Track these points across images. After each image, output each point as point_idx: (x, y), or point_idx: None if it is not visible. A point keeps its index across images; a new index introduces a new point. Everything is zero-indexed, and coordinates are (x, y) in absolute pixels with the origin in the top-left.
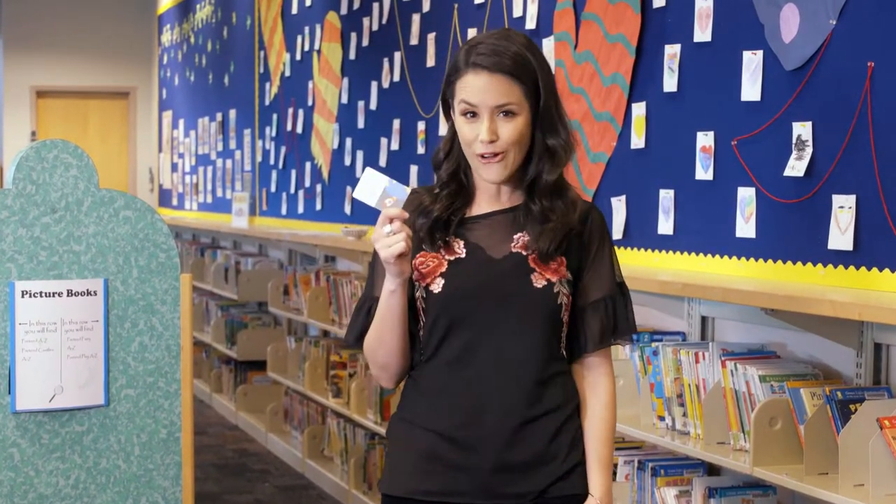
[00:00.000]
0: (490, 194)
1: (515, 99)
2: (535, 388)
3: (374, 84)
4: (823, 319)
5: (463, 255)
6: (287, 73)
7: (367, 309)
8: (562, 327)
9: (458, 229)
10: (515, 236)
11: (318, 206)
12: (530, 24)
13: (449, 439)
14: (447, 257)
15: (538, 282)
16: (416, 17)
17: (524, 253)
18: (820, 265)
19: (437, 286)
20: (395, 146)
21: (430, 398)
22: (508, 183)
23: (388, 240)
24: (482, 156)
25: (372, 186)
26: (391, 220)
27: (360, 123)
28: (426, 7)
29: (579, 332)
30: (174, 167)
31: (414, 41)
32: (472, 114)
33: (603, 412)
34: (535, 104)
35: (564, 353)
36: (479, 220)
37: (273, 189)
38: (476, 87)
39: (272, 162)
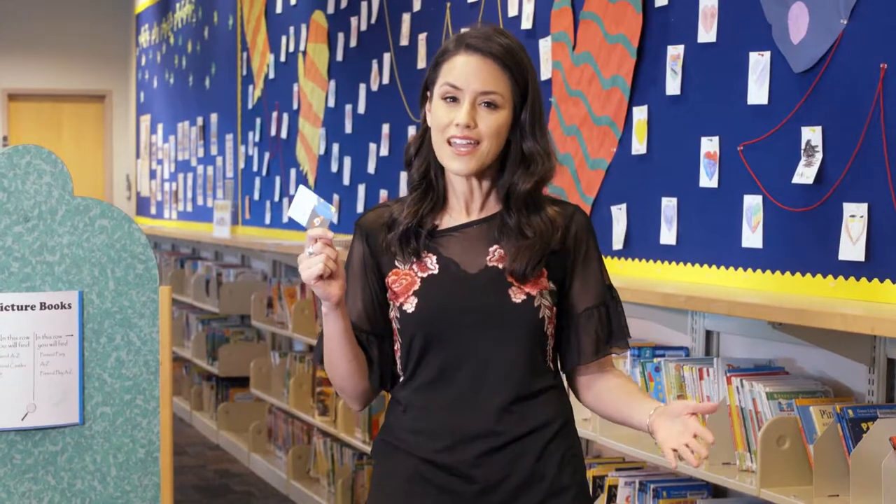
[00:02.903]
0: (462, 202)
1: (501, 91)
2: (518, 407)
3: (362, 87)
4: (834, 334)
5: (436, 272)
6: (271, 76)
7: None
8: (547, 341)
9: (429, 243)
10: (491, 249)
11: None
12: (526, 23)
13: (433, 463)
14: (420, 274)
15: (517, 296)
16: (406, 17)
17: (500, 266)
18: (830, 277)
19: (411, 305)
20: (384, 152)
21: (411, 421)
22: (482, 188)
23: (309, 261)
24: (453, 142)
25: (303, 205)
26: (315, 241)
27: (348, 128)
28: (416, 6)
29: (572, 343)
30: (153, 174)
31: (404, 42)
32: (452, 98)
33: (616, 378)
34: (518, 105)
35: (552, 365)
36: (451, 233)
37: (256, 197)
38: (464, 69)
39: (255, 168)
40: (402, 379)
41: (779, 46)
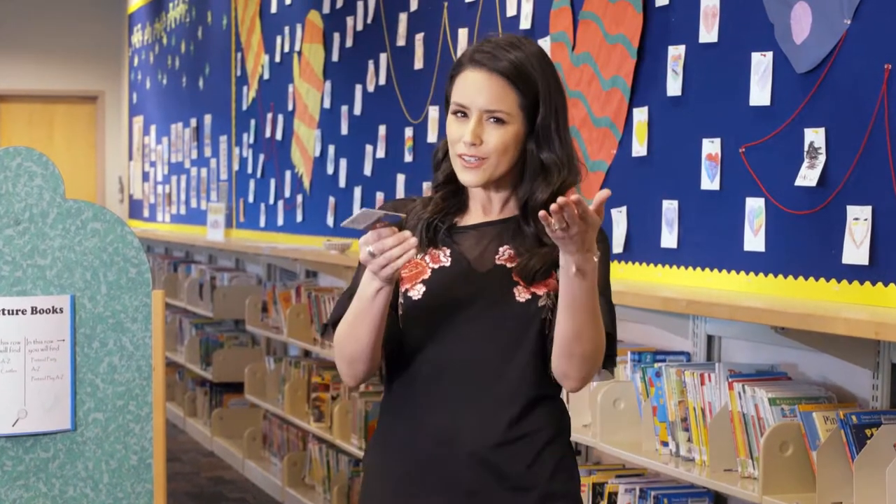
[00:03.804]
0: (482, 204)
1: (507, 108)
2: (514, 409)
3: (358, 87)
4: (837, 338)
5: (447, 264)
6: (266, 76)
7: (349, 295)
8: (549, 346)
9: (445, 238)
10: (501, 249)
11: (299, 218)
12: (525, 23)
13: (425, 462)
14: (431, 264)
15: (521, 295)
16: (402, 17)
17: (508, 266)
18: (834, 281)
19: (417, 293)
20: (380, 154)
21: (405, 417)
22: (500, 193)
23: (386, 256)
24: (463, 157)
25: (363, 217)
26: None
27: (344, 129)
28: (414, 6)
29: (551, 335)
30: (145, 176)
31: (401, 42)
32: (462, 113)
33: None
34: (531, 116)
35: (553, 375)
36: (467, 231)
37: (251, 199)
38: (470, 86)
39: (250, 170)
40: (397, 371)
41: (781, 47)
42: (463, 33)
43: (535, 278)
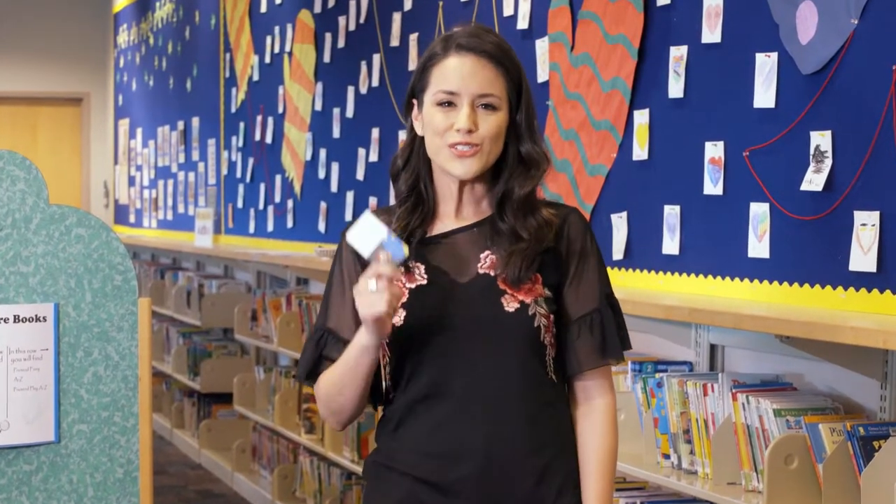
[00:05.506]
0: (452, 208)
1: (498, 92)
2: (518, 424)
3: (350, 89)
4: (844, 348)
5: (425, 282)
6: (255, 78)
7: (316, 340)
8: (545, 350)
9: (418, 251)
10: (482, 255)
11: (290, 224)
12: (522, 23)
13: (428, 483)
14: (408, 284)
15: (510, 305)
16: (396, 16)
17: (492, 274)
18: (840, 288)
19: (399, 318)
20: (373, 157)
21: (404, 439)
22: (474, 196)
23: (371, 297)
24: (455, 147)
25: (368, 234)
26: (379, 277)
27: (336, 132)
28: (408, 5)
29: (568, 352)
30: (131, 181)
31: (394, 42)
32: (448, 103)
33: (598, 442)
34: (513, 106)
35: (554, 377)
36: (440, 241)
37: (240, 205)
38: (459, 72)
39: (239, 175)
40: (393, 395)
41: (786, 47)
42: None
43: (521, 279)
